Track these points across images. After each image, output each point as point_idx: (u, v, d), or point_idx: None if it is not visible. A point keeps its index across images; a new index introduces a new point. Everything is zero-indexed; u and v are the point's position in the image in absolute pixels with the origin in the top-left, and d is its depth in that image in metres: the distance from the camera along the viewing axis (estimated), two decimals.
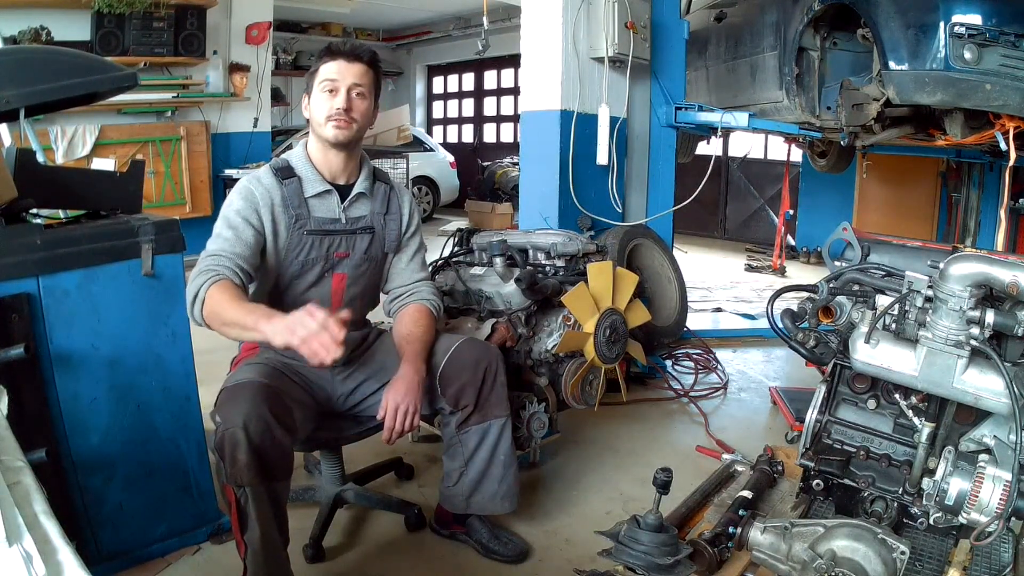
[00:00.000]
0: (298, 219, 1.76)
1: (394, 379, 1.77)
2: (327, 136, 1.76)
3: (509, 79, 11.22)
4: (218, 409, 1.54)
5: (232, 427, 1.46)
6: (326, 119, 1.74)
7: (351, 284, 1.86)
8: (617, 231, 3.29)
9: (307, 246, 1.78)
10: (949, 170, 5.86)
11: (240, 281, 1.65)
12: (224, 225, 1.71)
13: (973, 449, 1.46)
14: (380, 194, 1.90)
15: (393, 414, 1.71)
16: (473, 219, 8.90)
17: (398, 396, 1.72)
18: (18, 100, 1.82)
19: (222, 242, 1.69)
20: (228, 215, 1.72)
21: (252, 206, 1.73)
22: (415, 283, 1.97)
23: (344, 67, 1.74)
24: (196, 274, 1.64)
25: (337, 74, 1.74)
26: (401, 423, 1.72)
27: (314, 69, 1.78)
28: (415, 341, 1.84)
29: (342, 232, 1.82)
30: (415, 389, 1.75)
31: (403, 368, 1.78)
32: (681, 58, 3.70)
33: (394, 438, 1.73)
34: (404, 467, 2.43)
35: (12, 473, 0.88)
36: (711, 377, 3.51)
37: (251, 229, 1.71)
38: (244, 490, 1.48)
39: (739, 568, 1.62)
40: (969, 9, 2.69)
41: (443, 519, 2.05)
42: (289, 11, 9.21)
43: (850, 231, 1.82)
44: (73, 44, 4.81)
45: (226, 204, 1.75)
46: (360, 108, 1.77)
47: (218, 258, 1.66)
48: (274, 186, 1.76)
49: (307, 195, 1.78)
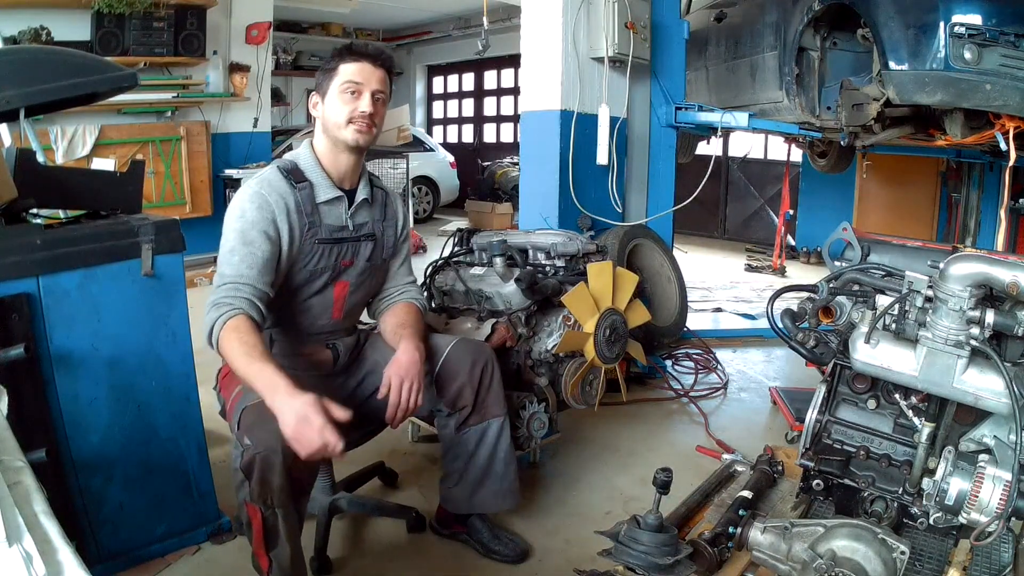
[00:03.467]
0: (311, 227, 1.70)
1: (394, 357, 1.72)
2: (347, 139, 1.70)
3: (509, 79, 11.22)
4: (246, 431, 1.49)
5: (266, 450, 1.42)
6: (347, 121, 1.68)
7: (352, 292, 1.84)
8: (617, 231, 3.29)
9: (317, 255, 1.72)
10: (949, 170, 5.87)
11: (258, 314, 1.60)
12: (239, 241, 1.61)
13: (973, 449, 1.46)
14: (379, 200, 1.88)
15: (398, 389, 1.66)
16: (473, 219, 8.90)
17: (400, 371, 1.67)
18: (18, 100, 1.82)
19: (238, 264, 1.60)
20: (243, 229, 1.61)
21: (269, 216, 1.63)
22: (402, 286, 1.96)
23: (369, 71, 1.69)
24: (211, 304, 1.58)
25: (361, 77, 1.68)
26: (406, 399, 1.66)
27: (331, 68, 1.70)
28: (409, 327, 1.82)
29: (349, 240, 1.78)
30: (417, 363, 1.70)
31: (402, 347, 1.73)
32: (681, 58, 3.70)
33: (399, 417, 1.67)
34: (388, 472, 2.39)
35: (12, 473, 0.88)
36: (711, 377, 3.51)
37: (268, 243, 1.62)
38: (274, 510, 1.46)
39: (739, 568, 1.62)
40: (969, 9, 2.69)
41: (444, 519, 2.06)
42: (289, 11, 9.21)
43: (850, 231, 1.82)
44: (73, 44, 4.81)
45: (237, 214, 1.64)
46: (381, 114, 1.74)
47: (236, 287, 1.58)
48: (287, 191, 1.68)
49: (319, 201, 1.72)
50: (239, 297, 1.58)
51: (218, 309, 1.56)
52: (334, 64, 1.71)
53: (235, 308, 1.56)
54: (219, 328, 1.55)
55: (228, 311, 1.55)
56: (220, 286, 1.60)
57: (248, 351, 1.51)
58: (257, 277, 1.61)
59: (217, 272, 1.65)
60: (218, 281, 1.62)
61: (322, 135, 1.76)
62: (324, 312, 1.81)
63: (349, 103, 1.69)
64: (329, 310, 1.81)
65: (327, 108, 1.72)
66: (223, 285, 1.60)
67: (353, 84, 1.68)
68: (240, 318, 1.55)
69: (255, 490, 1.45)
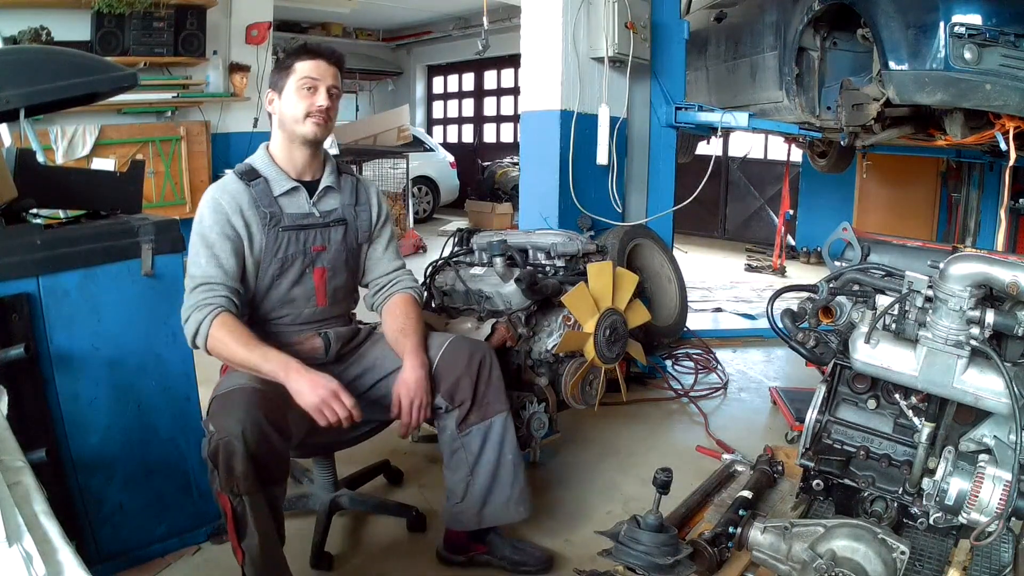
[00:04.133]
0: (271, 217, 1.75)
1: (401, 376, 1.77)
2: (305, 133, 1.77)
3: (509, 79, 11.22)
4: (211, 418, 1.52)
5: (227, 436, 1.44)
6: (305, 116, 1.75)
7: (332, 277, 1.86)
8: (617, 231, 3.29)
9: (284, 243, 1.77)
10: (949, 170, 5.87)
11: (236, 309, 1.69)
12: (201, 244, 1.69)
13: (973, 449, 1.46)
14: (348, 187, 1.91)
15: (408, 409, 1.74)
16: (473, 219, 8.90)
17: (410, 391, 1.75)
18: (18, 100, 1.82)
19: (205, 265, 1.68)
20: (203, 232, 1.70)
21: (223, 216, 1.71)
22: (393, 272, 1.97)
23: (324, 67, 1.77)
24: (191, 307, 1.65)
25: (317, 73, 1.76)
26: (417, 417, 1.76)
27: (287, 66, 1.77)
28: (412, 334, 1.84)
29: (316, 226, 1.82)
30: (423, 381, 1.77)
31: (408, 362, 1.78)
32: (681, 58, 3.70)
33: (410, 432, 1.80)
34: (393, 471, 2.41)
35: (12, 473, 0.88)
36: (711, 377, 3.51)
37: (228, 242, 1.70)
38: (241, 499, 1.45)
39: (739, 568, 1.62)
40: (969, 9, 2.69)
41: (456, 543, 1.94)
42: (289, 11, 9.20)
43: (850, 231, 1.82)
44: (73, 44, 4.81)
45: (196, 221, 1.73)
46: (335, 108, 1.81)
47: (209, 287, 1.66)
48: (240, 190, 1.75)
49: (276, 194, 1.78)
50: (216, 296, 1.67)
51: (200, 311, 1.64)
52: (290, 62, 1.78)
53: (216, 307, 1.65)
54: (207, 328, 1.63)
55: (211, 311, 1.64)
56: (193, 289, 1.68)
57: (245, 341, 1.63)
58: (224, 275, 1.69)
59: (187, 275, 1.71)
60: (190, 284, 1.69)
61: (278, 131, 1.82)
62: (308, 301, 1.84)
63: (306, 98, 1.75)
64: (313, 298, 1.84)
65: (284, 104, 1.78)
66: (196, 288, 1.68)
67: (310, 80, 1.75)
68: (224, 315, 1.65)
69: (222, 478, 1.45)
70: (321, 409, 1.58)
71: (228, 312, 1.65)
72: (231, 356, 1.63)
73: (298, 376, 1.59)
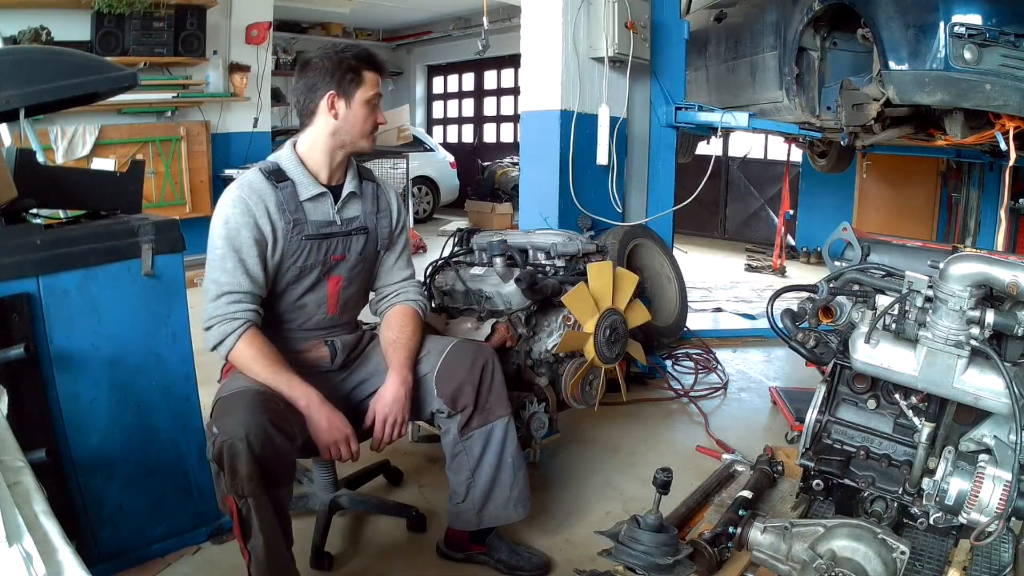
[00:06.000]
0: (296, 224, 1.71)
1: (381, 389, 1.78)
2: (364, 148, 1.79)
3: (509, 79, 11.22)
4: (215, 420, 1.52)
5: (231, 438, 1.43)
6: (370, 133, 1.78)
7: (346, 286, 1.84)
8: (617, 231, 3.29)
9: (305, 251, 1.74)
10: (949, 170, 5.86)
11: (261, 320, 1.69)
12: (228, 247, 1.65)
13: (973, 449, 1.46)
14: (369, 193, 1.88)
15: (381, 425, 1.75)
16: (473, 219, 8.90)
17: (385, 407, 1.75)
18: (18, 100, 1.81)
19: (232, 271, 1.64)
20: (230, 235, 1.65)
21: (251, 219, 1.66)
22: (401, 282, 1.96)
23: (380, 82, 1.79)
24: (217, 317, 1.63)
25: (380, 88, 1.79)
26: (389, 433, 1.76)
27: (354, 77, 1.73)
28: (400, 349, 1.82)
29: (338, 234, 1.79)
30: (402, 399, 1.76)
31: (390, 378, 1.78)
32: (681, 58, 3.70)
33: (382, 447, 1.79)
34: (393, 471, 2.41)
35: (12, 473, 0.88)
36: (711, 377, 3.51)
37: (256, 247, 1.67)
38: (246, 500, 1.45)
39: (739, 568, 1.62)
40: (969, 9, 2.69)
41: (456, 541, 1.96)
42: (289, 11, 9.19)
43: (850, 231, 1.82)
44: (73, 44, 4.81)
45: (221, 220, 1.66)
46: None
47: (237, 298, 1.64)
48: (268, 191, 1.70)
49: (303, 198, 1.74)
50: (244, 309, 1.65)
51: (228, 323, 1.63)
52: (358, 69, 1.74)
53: (245, 321, 1.64)
54: (232, 342, 1.63)
55: (239, 326, 1.63)
56: (218, 296, 1.64)
57: (271, 363, 1.64)
58: (252, 284, 1.67)
59: (210, 278, 1.66)
60: (215, 289, 1.65)
61: (325, 135, 1.76)
62: (319, 308, 1.82)
63: (372, 115, 1.77)
64: (324, 306, 1.82)
65: (351, 115, 1.75)
66: (222, 296, 1.64)
67: (377, 97, 1.78)
68: (252, 331, 1.65)
69: (227, 480, 1.45)
70: (330, 448, 1.65)
71: (256, 327, 1.66)
72: (255, 375, 1.63)
73: (319, 413, 1.63)
